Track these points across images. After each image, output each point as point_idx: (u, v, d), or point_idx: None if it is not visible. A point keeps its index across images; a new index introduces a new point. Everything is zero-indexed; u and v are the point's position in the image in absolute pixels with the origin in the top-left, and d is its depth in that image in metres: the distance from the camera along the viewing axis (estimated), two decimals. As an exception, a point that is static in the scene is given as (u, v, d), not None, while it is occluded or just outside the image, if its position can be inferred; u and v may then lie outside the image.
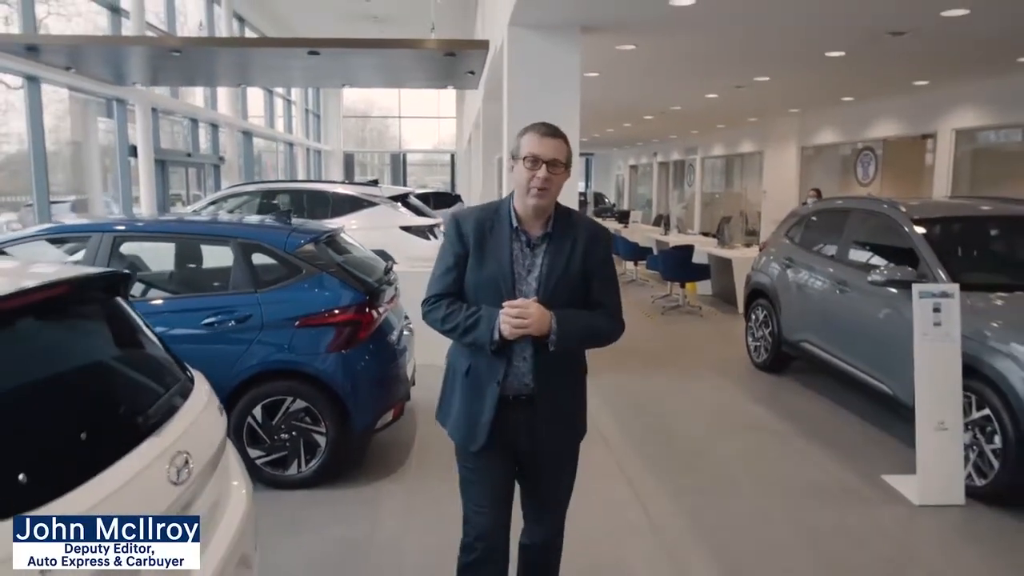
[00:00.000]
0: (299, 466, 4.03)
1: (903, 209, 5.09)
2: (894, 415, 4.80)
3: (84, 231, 4.40)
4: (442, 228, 10.05)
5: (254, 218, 5.37)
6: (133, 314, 2.33)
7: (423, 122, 30.35)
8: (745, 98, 11.39)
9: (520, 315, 2.10)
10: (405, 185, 30.49)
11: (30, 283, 1.80)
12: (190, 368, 2.47)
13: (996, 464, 3.84)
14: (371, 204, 8.86)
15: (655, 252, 11.80)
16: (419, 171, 35.12)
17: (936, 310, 3.96)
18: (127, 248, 4.41)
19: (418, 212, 9.30)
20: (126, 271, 2.37)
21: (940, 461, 3.94)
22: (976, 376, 3.96)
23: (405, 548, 3.49)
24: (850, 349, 5.25)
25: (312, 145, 25.34)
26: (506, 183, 6.51)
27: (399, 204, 9.04)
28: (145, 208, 12.52)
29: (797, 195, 14.00)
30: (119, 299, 2.28)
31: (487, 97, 10.82)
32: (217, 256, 4.40)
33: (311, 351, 3.98)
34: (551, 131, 2.18)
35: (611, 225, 16.67)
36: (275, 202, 8.95)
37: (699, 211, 19.42)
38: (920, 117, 10.58)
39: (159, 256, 4.73)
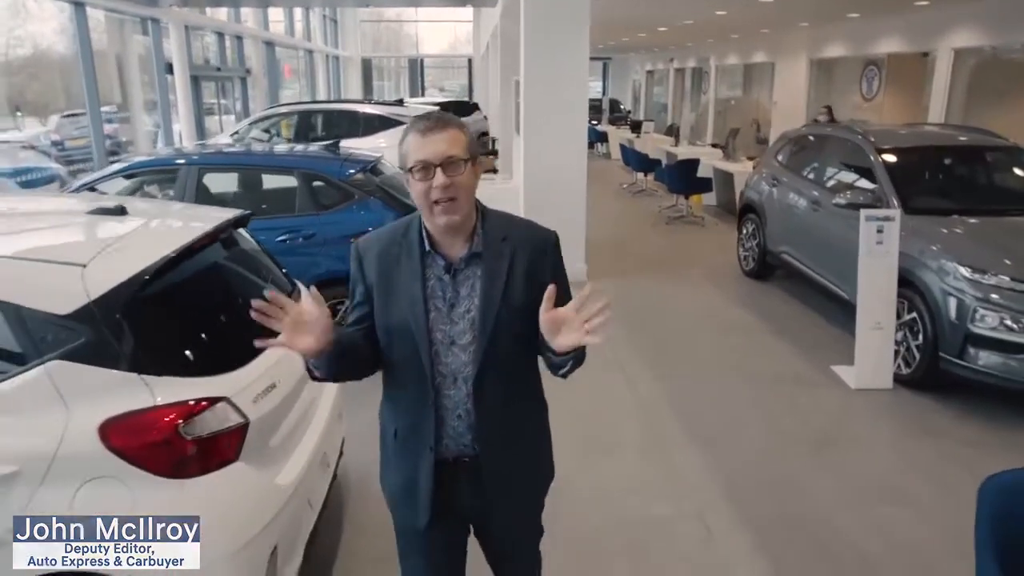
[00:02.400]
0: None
1: (871, 139, 5.82)
2: (849, 315, 5.70)
3: (171, 165, 5.27)
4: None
5: (310, 149, 6.16)
6: (253, 240, 3.24)
7: (440, 24, 30.14)
8: (754, 14, 11.72)
9: (263, 310, 1.58)
10: (423, 91, 30.69)
11: (210, 226, 2.70)
12: (292, 278, 3.39)
13: (918, 356, 4.78)
14: (398, 123, 9.57)
15: (664, 164, 12.47)
16: (436, 74, 35.04)
17: (879, 231, 4.78)
18: (208, 179, 5.28)
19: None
20: (250, 212, 3.22)
21: (874, 354, 4.87)
22: (910, 286, 4.83)
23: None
24: (818, 260, 6.12)
25: (331, 51, 25.49)
26: (524, 112, 7.22)
27: (424, 123, 9.74)
28: (183, 121, 13.27)
29: (805, 106, 14.42)
30: (242, 230, 3.18)
31: (504, 14, 11.24)
32: (283, 183, 5.28)
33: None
34: (435, 124, 1.68)
35: (623, 135, 17.19)
36: (311, 121, 9.68)
37: (712, 119, 19.74)
38: (921, 34, 10.93)
39: (231, 184, 5.60)
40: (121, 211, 2.68)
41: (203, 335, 2.51)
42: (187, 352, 2.34)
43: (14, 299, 2.08)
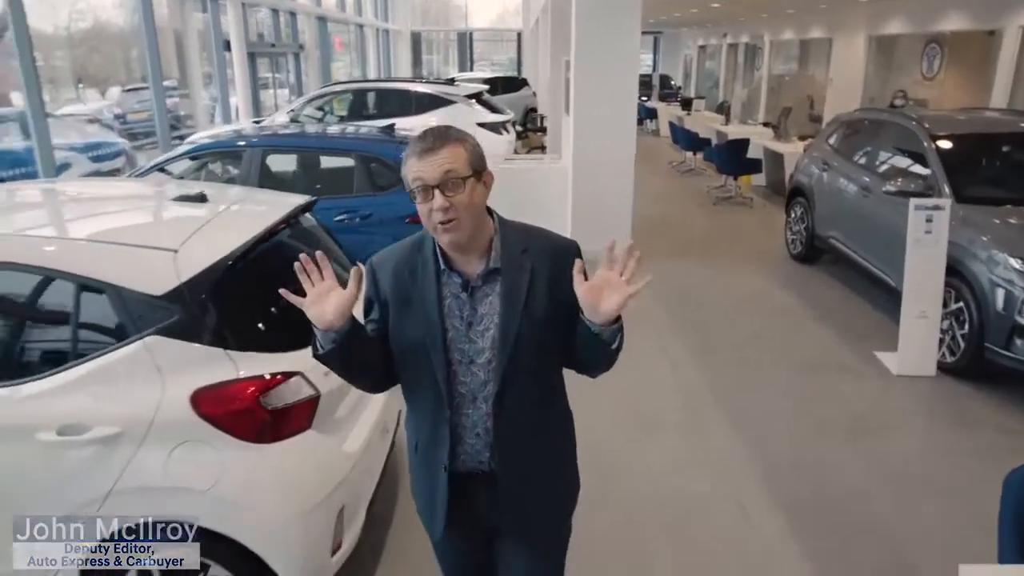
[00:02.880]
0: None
1: (925, 124, 5.76)
2: (894, 302, 5.70)
3: (235, 147, 5.54)
4: (513, 123, 10.89)
5: (367, 131, 6.37)
6: (315, 221, 3.46)
7: (489, -2, 30.03)
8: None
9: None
10: (472, 66, 30.69)
11: (283, 212, 2.92)
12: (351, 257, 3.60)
13: (963, 345, 4.79)
14: (449, 102, 9.75)
15: (713, 143, 12.37)
16: (485, 47, 34.95)
17: (928, 220, 4.78)
18: (270, 160, 5.54)
19: (491, 109, 10.14)
20: (316, 198, 3.44)
21: (918, 342, 4.89)
22: (957, 275, 4.83)
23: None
24: (865, 246, 6.11)
25: (381, 25, 25.66)
26: (574, 93, 7.30)
27: (474, 101, 9.90)
28: (240, 96, 13.64)
29: (862, 85, 14.07)
30: (309, 213, 3.39)
31: (555, -10, 11.23)
32: (342, 164, 5.51)
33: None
34: (432, 143, 1.63)
35: (673, 112, 17.03)
36: (364, 100, 9.91)
37: (765, 96, 19.37)
38: (987, 11, 10.56)
39: (292, 164, 5.86)
40: (202, 198, 2.91)
41: (277, 314, 2.74)
42: (265, 330, 2.57)
43: (117, 281, 2.33)
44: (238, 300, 2.52)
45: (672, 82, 25.50)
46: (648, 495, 3.64)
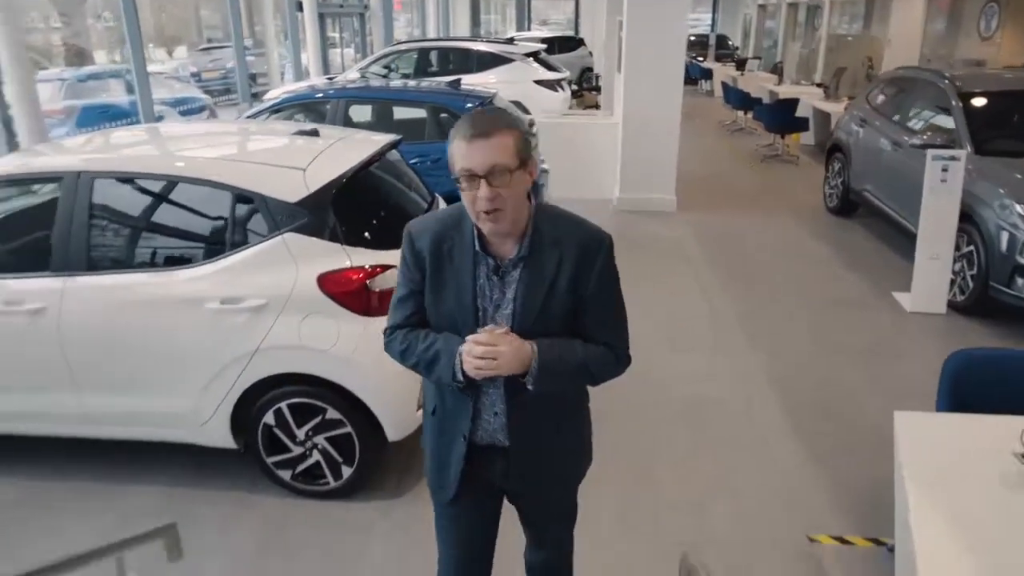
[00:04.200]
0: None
1: (955, 82, 6.14)
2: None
3: (321, 99, 6.30)
4: (568, 81, 11.39)
5: (436, 85, 7.04)
6: (401, 157, 4.18)
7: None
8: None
9: (486, 353, 1.66)
10: (529, 25, 30.91)
11: (379, 146, 3.64)
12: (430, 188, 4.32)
13: (971, 285, 5.28)
14: (508, 60, 10.33)
15: (764, 102, 12.66)
16: (542, 6, 35.07)
17: (944, 170, 5.23)
18: (352, 110, 6.29)
19: (548, 67, 10.69)
20: (402, 136, 4.14)
21: (930, 282, 5.39)
22: (969, 221, 5.29)
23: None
24: (893, 196, 6.56)
25: (440, -18, 26.06)
26: (625, 52, 7.83)
27: (532, 60, 10.45)
28: (311, 55, 14.45)
29: (920, 45, 14.04)
30: (395, 150, 4.11)
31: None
32: (415, 115, 6.22)
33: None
34: (482, 129, 1.63)
35: (728, 72, 17.18)
36: (428, 58, 10.57)
37: (823, 57, 19.25)
38: (1048, -30, 10.54)
39: (370, 114, 6.59)
40: (316, 133, 3.66)
41: (377, 223, 3.49)
42: (368, 232, 3.32)
43: (263, 191, 3.09)
44: (349, 209, 3.25)
45: (729, 42, 25.33)
46: (673, 397, 4.31)
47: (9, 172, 3.43)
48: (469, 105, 6.04)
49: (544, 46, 12.78)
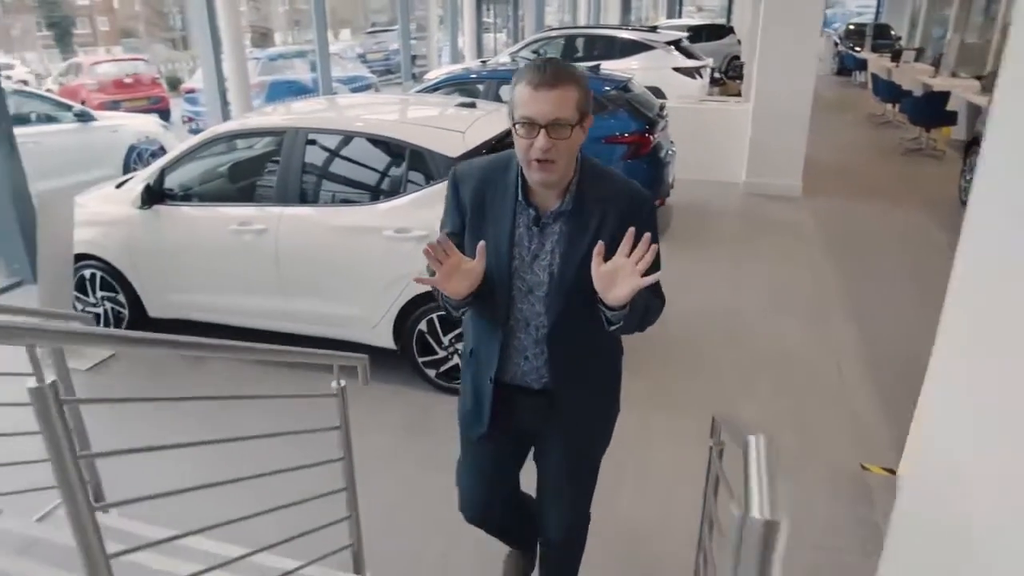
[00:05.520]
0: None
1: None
2: None
3: (474, 80, 7.22)
4: (709, 69, 11.72)
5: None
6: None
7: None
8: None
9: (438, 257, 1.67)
10: (680, 12, 30.79)
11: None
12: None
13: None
14: (650, 48, 10.84)
15: (913, 95, 12.33)
16: (695, -7, 34.61)
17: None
18: (502, 89, 7.13)
19: (688, 55, 11.09)
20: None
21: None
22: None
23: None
24: None
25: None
26: (760, 38, 8.18)
27: (672, 48, 10.91)
28: (468, 38, 15.57)
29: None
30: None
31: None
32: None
33: (611, 159, 6.50)
34: (549, 78, 1.63)
35: (883, 63, 16.60)
36: (574, 44, 11.29)
37: (995, 47, 18.07)
38: None
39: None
40: (473, 105, 4.51)
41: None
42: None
43: (431, 147, 3.97)
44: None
45: (892, 31, 24.11)
46: (764, 352, 4.84)
47: (252, 126, 4.60)
48: (606, 88, 6.70)
49: (687, 34, 13.11)
